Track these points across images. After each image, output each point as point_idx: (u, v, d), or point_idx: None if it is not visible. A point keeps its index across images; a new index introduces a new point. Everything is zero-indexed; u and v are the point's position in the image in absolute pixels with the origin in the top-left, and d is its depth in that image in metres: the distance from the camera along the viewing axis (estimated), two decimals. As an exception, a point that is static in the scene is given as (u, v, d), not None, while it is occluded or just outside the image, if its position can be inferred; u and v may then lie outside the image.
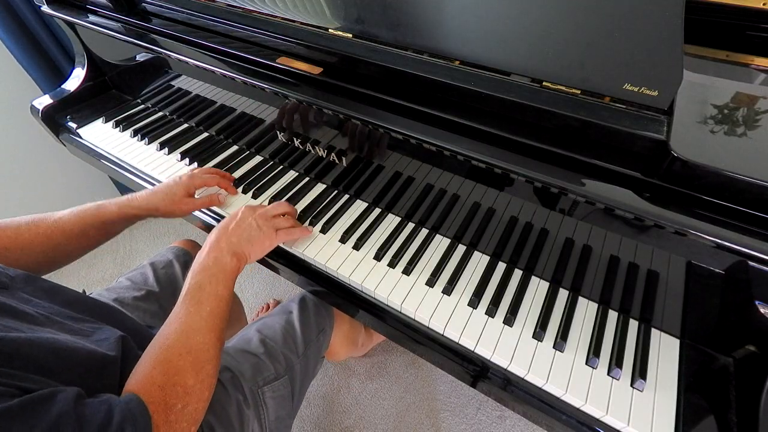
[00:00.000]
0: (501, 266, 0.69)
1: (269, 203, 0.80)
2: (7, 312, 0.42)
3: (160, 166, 0.90)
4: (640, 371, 0.55)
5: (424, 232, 0.75)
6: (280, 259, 0.74)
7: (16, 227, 0.59)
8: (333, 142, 0.74)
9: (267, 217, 0.67)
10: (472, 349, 0.59)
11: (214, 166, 0.88)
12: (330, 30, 0.68)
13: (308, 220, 0.77)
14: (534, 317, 0.62)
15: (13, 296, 0.47)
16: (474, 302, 0.64)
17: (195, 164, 0.90)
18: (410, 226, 0.76)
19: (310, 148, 0.79)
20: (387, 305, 0.66)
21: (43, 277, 0.55)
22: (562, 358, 0.57)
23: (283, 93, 0.69)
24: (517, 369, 0.57)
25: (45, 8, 0.96)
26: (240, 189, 0.83)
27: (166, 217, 0.74)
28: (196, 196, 0.76)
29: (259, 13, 0.76)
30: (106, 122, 1.03)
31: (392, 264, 0.69)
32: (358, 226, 0.76)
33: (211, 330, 0.51)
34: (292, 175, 0.87)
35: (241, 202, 0.81)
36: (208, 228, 0.84)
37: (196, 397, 0.46)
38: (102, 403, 0.38)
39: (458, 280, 0.67)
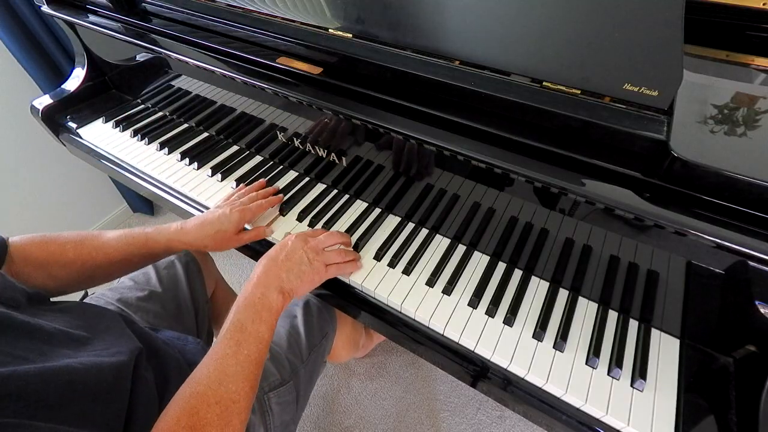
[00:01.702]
0: (501, 266, 0.69)
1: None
2: (22, 334, 0.41)
3: (161, 166, 0.90)
4: (640, 371, 0.55)
5: (424, 232, 0.75)
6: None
7: (62, 244, 0.58)
8: (333, 142, 0.74)
9: (318, 251, 0.63)
10: (472, 349, 0.60)
11: (214, 166, 0.88)
12: (330, 30, 0.68)
13: (308, 220, 0.77)
14: (534, 317, 0.62)
15: (29, 312, 0.45)
16: (474, 302, 0.64)
17: (195, 164, 0.89)
18: (410, 226, 0.76)
19: (310, 148, 0.79)
20: (387, 305, 0.66)
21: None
22: (562, 358, 0.57)
23: (283, 93, 0.69)
24: (517, 369, 0.57)
25: (45, 8, 0.96)
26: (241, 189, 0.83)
27: (212, 251, 0.74)
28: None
29: (259, 13, 0.76)
30: (106, 122, 1.03)
31: (392, 264, 0.69)
32: (358, 227, 0.76)
33: (245, 378, 0.48)
34: (292, 175, 0.87)
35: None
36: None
37: None
38: None
39: (458, 280, 0.67)
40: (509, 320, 0.61)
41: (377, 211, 0.78)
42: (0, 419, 0.32)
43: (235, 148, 0.94)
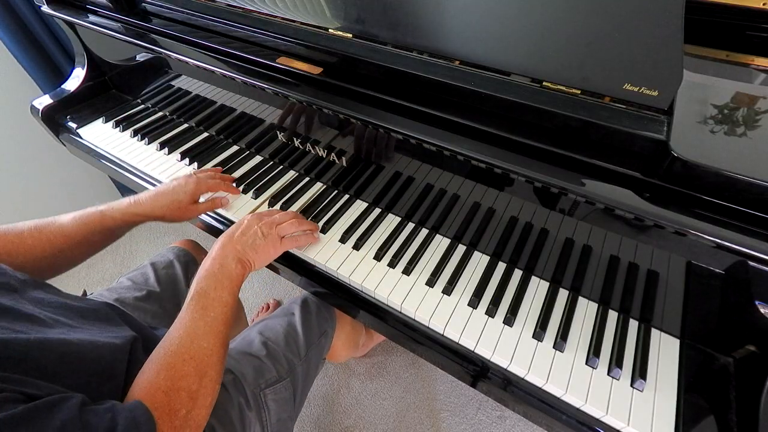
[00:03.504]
0: (501, 266, 0.69)
1: (269, 204, 0.81)
2: (18, 316, 0.42)
3: (161, 166, 0.90)
4: (640, 371, 0.55)
5: (424, 232, 0.75)
6: (281, 259, 0.74)
7: (19, 232, 0.59)
8: (333, 142, 0.74)
9: (272, 225, 0.66)
10: (472, 349, 0.59)
11: (214, 167, 0.88)
12: (330, 30, 0.68)
13: (308, 221, 0.77)
14: (534, 317, 0.62)
15: (24, 298, 0.47)
16: (474, 302, 0.64)
17: (195, 164, 0.89)
18: (410, 226, 0.76)
19: (310, 148, 0.79)
20: (387, 305, 0.66)
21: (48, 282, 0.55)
22: (562, 358, 0.57)
23: (283, 93, 0.69)
24: (517, 369, 0.57)
25: (45, 8, 0.96)
26: (240, 189, 0.83)
27: (170, 222, 0.73)
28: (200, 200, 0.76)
29: (259, 13, 0.76)
30: (106, 122, 1.03)
31: (392, 264, 0.69)
32: (358, 226, 0.76)
33: (215, 336, 0.51)
34: (292, 175, 0.87)
35: (241, 202, 0.81)
36: (208, 228, 0.84)
37: (200, 402, 0.46)
38: (106, 411, 0.37)
39: (458, 280, 0.67)
40: (509, 320, 0.61)
41: (377, 211, 0.78)
42: (3, 374, 0.34)
43: (235, 148, 0.94)
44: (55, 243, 0.61)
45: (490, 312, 0.62)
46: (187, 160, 0.90)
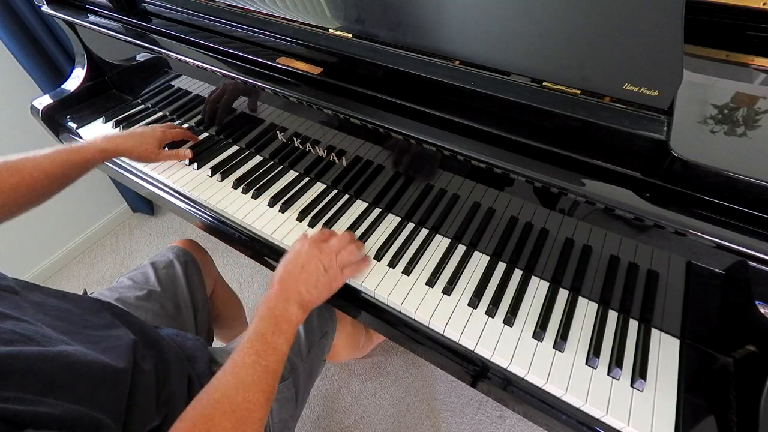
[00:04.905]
0: (501, 266, 0.69)
1: (269, 204, 0.80)
2: (20, 320, 0.42)
3: (160, 166, 0.90)
4: (640, 371, 0.55)
5: (424, 232, 0.75)
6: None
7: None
8: (333, 142, 0.74)
9: (333, 256, 0.63)
10: (472, 349, 0.59)
11: (214, 166, 0.88)
12: (330, 30, 0.69)
13: (308, 220, 0.77)
14: (534, 317, 0.62)
15: (25, 301, 0.47)
16: (474, 302, 0.64)
17: (195, 164, 0.89)
18: (410, 226, 0.76)
19: (310, 148, 0.79)
20: (387, 305, 0.66)
21: (49, 286, 0.55)
22: (562, 358, 0.57)
23: (283, 93, 0.69)
24: (517, 369, 0.57)
25: (45, 8, 0.96)
26: (240, 189, 0.83)
27: (136, 161, 0.86)
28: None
29: (259, 13, 0.77)
30: (106, 122, 1.03)
31: (392, 264, 0.69)
32: (358, 226, 0.76)
33: (262, 390, 0.48)
34: (292, 175, 0.87)
35: (240, 201, 0.81)
36: (207, 228, 0.84)
37: None
38: None
39: (458, 280, 0.67)
40: (509, 320, 0.61)
41: (377, 211, 0.78)
42: (18, 394, 0.34)
43: (235, 148, 0.94)
44: (37, 179, 0.66)
45: (490, 312, 0.62)
46: (186, 160, 0.90)
